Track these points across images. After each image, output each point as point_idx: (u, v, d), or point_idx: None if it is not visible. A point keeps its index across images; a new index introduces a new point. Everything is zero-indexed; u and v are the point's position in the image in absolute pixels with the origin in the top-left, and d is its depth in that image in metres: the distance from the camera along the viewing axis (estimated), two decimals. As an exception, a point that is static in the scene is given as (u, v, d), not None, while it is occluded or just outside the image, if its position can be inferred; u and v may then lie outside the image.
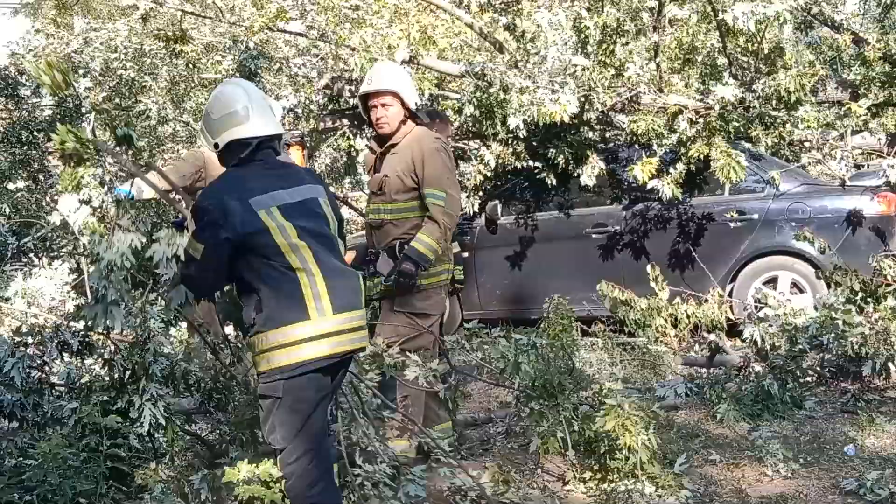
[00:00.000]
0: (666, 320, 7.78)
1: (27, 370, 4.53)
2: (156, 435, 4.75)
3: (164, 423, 4.63)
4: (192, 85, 10.00)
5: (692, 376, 6.80)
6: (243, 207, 3.68)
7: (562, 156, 8.41)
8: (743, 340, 6.83)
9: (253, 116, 3.86)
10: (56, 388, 4.58)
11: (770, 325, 6.70)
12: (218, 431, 5.17)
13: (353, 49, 8.70)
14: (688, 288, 7.99)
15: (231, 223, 3.65)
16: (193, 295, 3.96)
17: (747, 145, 8.12)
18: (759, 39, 8.30)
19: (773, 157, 8.52)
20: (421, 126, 5.28)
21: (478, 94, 8.42)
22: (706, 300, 7.83)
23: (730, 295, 8.06)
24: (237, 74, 9.11)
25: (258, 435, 5.15)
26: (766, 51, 8.44)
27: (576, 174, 8.52)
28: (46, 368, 4.67)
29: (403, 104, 5.18)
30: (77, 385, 4.66)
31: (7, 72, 10.08)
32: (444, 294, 5.31)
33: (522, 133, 8.15)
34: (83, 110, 9.60)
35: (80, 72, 10.14)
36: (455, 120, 8.78)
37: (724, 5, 7.91)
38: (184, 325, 6.46)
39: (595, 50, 8.05)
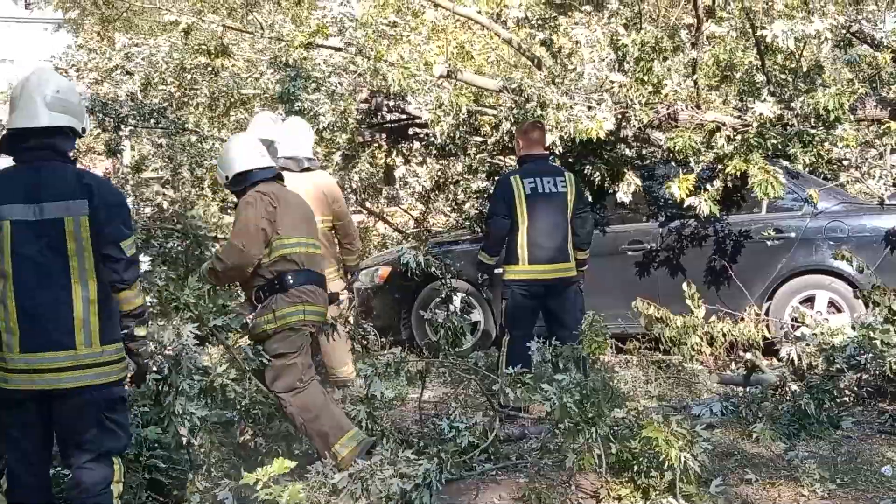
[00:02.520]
0: (702, 338, 7.74)
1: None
2: (193, 445, 4.82)
3: (194, 436, 4.70)
4: (232, 101, 10.10)
5: (728, 395, 6.76)
6: None
7: (598, 172, 8.41)
8: (780, 359, 6.79)
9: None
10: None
11: (807, 345, 6.66)
12: (253, 444, 5.22)
13: (392, 65, 8.77)
14: (724, 306, 7.95)
15: None
16: None
17: (785, 163, 8.08)
18: (797, 57, 8.27)
19: (811, 175, 8.47)
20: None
21: (515, 109, 8.45)
22: (742, 318, 7.79)
23: (766, 313, 8.01)
24: (276, 93, 9.20)
25: (294, 448, 5.23)
26: (804, 68, 8.40)
27: (612, 191, 8.52)
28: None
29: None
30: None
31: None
32: (301, 334, 5.38)
33: (559, 149, 8.16)
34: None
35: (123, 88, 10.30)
36: (492, 135, 8.82)
37: (762, 23, 7.90)
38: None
39: (632, 67, 8.05)
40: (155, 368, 4.55)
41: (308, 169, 6.93)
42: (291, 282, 5.31)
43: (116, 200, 3.97)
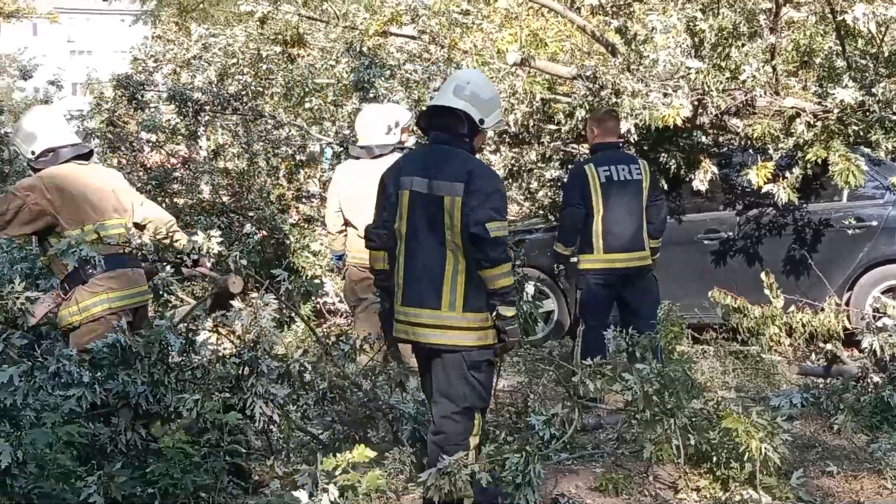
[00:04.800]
0: (780, 329, 7.63)
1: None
2: (271, 431, 4.89)
3: (277, 420, 4.76)
4: (307, 90, 10.19)
5: (808, 386, 6.66)
6: None
7: (673, 160, 8.33)
8: (861, 350, 6.66)
9: None
10: (179, 381, 4.70)
11: (889, 335, 6.50)
12: (332, 430, 5.27)
13: (465, 52, 8.77)
14: (803, 296, 7.83)
15: None
16: None
17: (866, 150, 7.92)
18: (879, 41, 8.08)
19: (893, 162, 8.28)
20: None
21: (589, 97, 8.38)
22: (822, 309, 7.66)
23: (847, 304, 7.87)
24: (350, 81, 9.27)
25: (370, 434, 5.27)
26: (886, 53, 8.21)
27: (687, 179, 8.43)
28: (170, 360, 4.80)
29: None
30: (199, 380, 4.78)
31: (130, 79, 10.44)
32: (104, 324, 5.22)
33: (634, 137, 8.09)
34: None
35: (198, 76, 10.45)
36: (566, 123, 8.77)
37: (842, 7, 7.73)
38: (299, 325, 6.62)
39: (709, 53, 7.94)
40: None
41: (381, 155, 7.01)
42: (91, 272, 5.21)
43: (489, 188, 4.39)
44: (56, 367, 4.34)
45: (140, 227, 5.58)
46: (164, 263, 6.10)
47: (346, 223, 7.37)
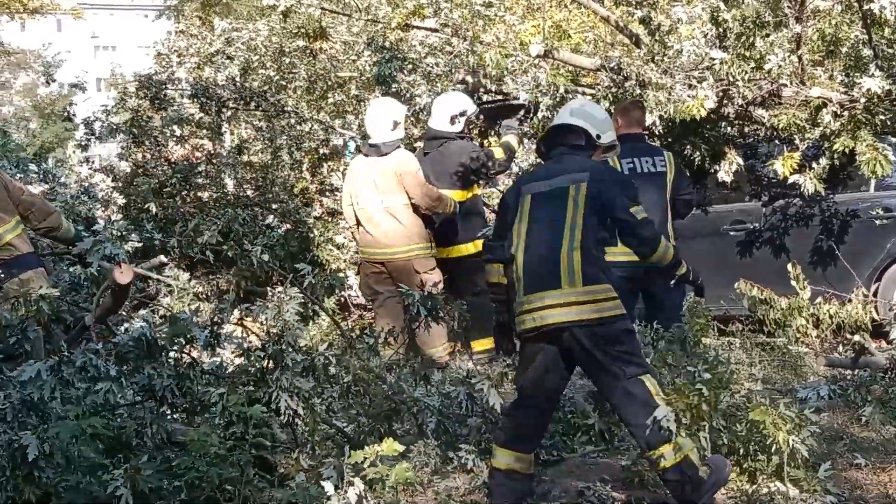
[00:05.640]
0: (807, 320, 7.57)
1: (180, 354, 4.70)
2: (296, 424, 4.89)
3: (302, 413, 4.76)
4: (330, 83, 10.20)
5: (836, 378, 6.60)
6: None
7: (698, 152, 8.28)
8: (889, 342, 6.61)
9: None
10: (205, 374, 4.72)
11: (919, 327, 6.47)
12: (356, 423, 5.27)
13: (488, 45, 8.74)
14: (830, 287, 7.77)
15: None
16: None
17: (894, 140, 7.84)
18: (906, 30, 8.02)
19: (922, 151, 8.21)
20: None
21: (613, 89, 8.34)
22: (850, 300, 7.60)
23: (874, 295, 7.81)
24: (373, 75, 9.27)
25: (395, 427, 5.27)
26: (913, 42, 8.15)
27: (713, 170, 8.38)
28: (195, 354, 4.82)
29: None
30: (225, 373, 4.80)
31: (154, 75, 10.47)
32: None
33: (658, 129, 8.05)
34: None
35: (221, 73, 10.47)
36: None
37: (869, -6, 7.65)
38: (324, 318, 6.63)
39: (734, 43, 7.88)
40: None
41: (388, 153, 7.29)
42: None
43: (614, 178, 4.86)
44: (83, 360, 4.35)
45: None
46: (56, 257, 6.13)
47: (356, 218, 7.50)
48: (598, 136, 4.80)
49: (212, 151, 10.44)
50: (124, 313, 6.47)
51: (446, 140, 7.78)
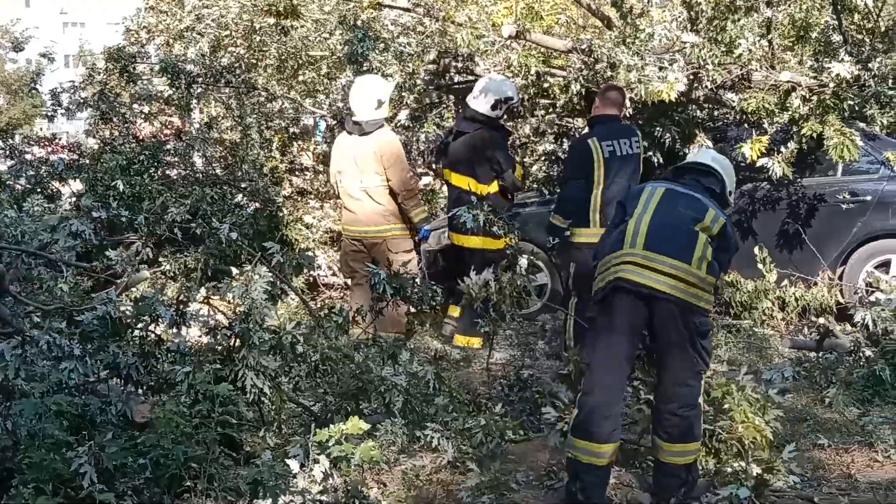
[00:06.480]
0: (773, 303, 7.65)
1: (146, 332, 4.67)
2: (263, 403, 4.88)
3: (268, 392, 4.75)
4: (301, 62, 10.13)
5: (800, 360, 6.67)
6: None
7: (669, 134, 8.30)
8: (854, 325, 6.67)
9: None
10: (170, 353, 4.68)
11: (882, 310, 6.52)
12: (323, 402, 5.27)
13: (460, 25, 8.70)
14: (796, 270, 7.85)
15: None
16: None
17: (862, 125, 7.89)
18: (875, 16, 8.05)
19: (888, 137, 8.27)
20: None
21: (584, 71, 8.33)
22: (815, 283, 7.66)
23: (840, 278, 7.88)
24: (344, 54, 9.20)
25: (363, 406, 5.27)
26: (882, 28, 8.18)
27: (682, 153, 8.40)
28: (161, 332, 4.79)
29: None
30: (190, 352, 4.77)
31: (122, 51, 10.34)
32: None
33: (629, 111, 8.05)
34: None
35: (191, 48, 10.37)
36: (561, 98, 8.73)
37: (839, -19, 7.69)
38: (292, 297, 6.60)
39: (705, 27, 7.90)
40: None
41: (370, 132, 7.21)
42: None
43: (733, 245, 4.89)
44: (47, 340, 4.31)
45: None
46: None
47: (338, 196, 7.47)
48: (731, 193, 4.93)
49: (181, 128, 10.34)
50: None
51: (482, 126, 7.67)
